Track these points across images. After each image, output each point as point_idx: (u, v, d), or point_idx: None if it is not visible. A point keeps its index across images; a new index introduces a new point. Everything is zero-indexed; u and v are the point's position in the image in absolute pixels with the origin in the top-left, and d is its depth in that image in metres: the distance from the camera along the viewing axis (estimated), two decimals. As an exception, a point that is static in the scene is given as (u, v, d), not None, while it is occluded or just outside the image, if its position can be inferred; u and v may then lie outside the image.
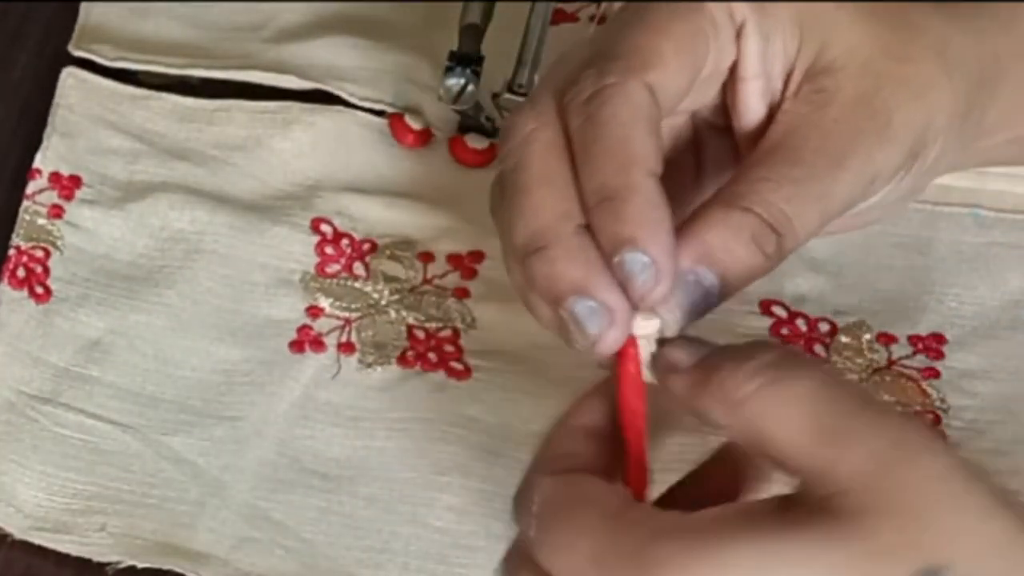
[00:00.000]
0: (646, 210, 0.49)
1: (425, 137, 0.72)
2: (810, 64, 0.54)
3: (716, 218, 0.51)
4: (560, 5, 0.75)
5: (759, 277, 0.51)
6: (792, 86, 0.54)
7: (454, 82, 0.68)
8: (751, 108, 0.55)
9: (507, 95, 0.69)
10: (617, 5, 0.76)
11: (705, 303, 0.50)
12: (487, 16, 0.67)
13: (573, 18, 0.76)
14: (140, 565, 0.62)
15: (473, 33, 0.67)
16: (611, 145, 0.50)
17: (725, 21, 0.53)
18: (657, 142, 0.50)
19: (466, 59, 0.68)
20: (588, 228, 0.50)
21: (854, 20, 0.55)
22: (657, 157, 0.50)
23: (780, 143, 0.53)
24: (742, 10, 0.53)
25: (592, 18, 0.75)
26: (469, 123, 0.71)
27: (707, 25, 0.53)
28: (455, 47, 0.68)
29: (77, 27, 0.75)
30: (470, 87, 0.68)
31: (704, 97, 0.56)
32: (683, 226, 0.51)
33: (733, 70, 0.55)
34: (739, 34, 0.54)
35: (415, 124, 0.72)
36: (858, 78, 0.54)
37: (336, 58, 0.73)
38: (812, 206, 0.52)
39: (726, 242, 0.50)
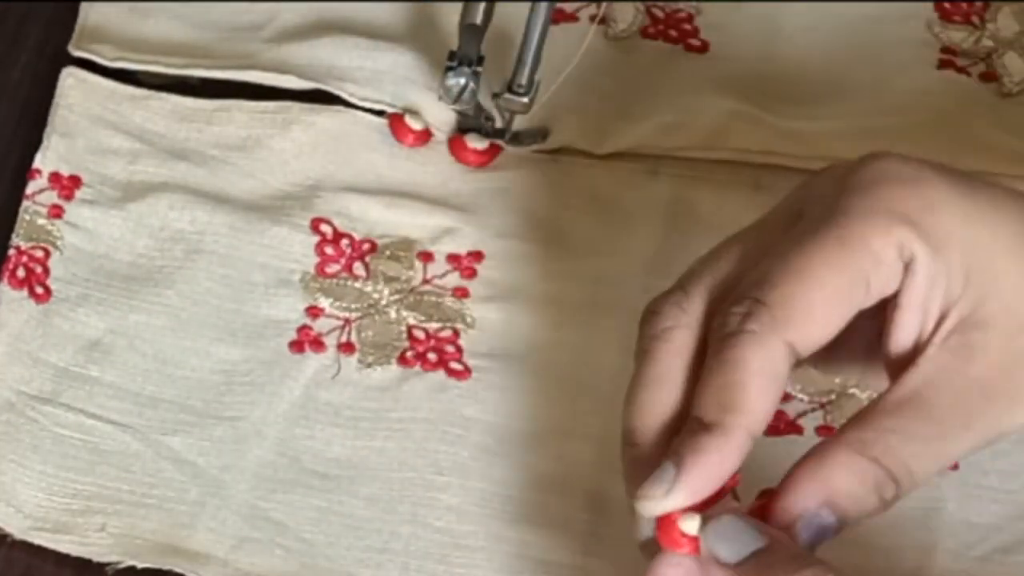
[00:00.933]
0: (714, 458, 0.51)
1: (425, 137, 0.72)
2: (967, 315, 0.53)
3: (843, 463, 0.51)
4: (560, 5, 0.75)
5: (873, 517, 0.53)
6: (942, 332, 0.53)
7: (454, 82, 0.68)
8: (901, 336, 0.53)
9: (507, 95, 0.69)
10: (616, 5, 0.76)
11: (822, 538, 0.52)
12: (487, 16, 0.67)
13: (573, 18, 0.76)
14: (140, 565, 0.62)
15: (473, 33, 0.67)
16: (727, 384, 0.51)
17: (893, 258, 0.52)
18: (770, 402, 0.51)
19: (466, 59, 0.68)
20: None
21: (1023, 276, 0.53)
22: (761, 416, 0.51)
23: (915, 394, 0.52)
24: (912, 245, 0.52)
25: (592, 18, 0.75)
26: (469, 123, 0.71)
27: (869, 266, 0.52)
28: (455, 47, 0.68)
29: (77, 27, 0.75)
30: (470, 87, 0.68)
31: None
32: (808, 462, 0.52)
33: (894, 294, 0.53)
34: (907, 267, 0.52)
35: (415, 124, 0.72)
36: (1009, 338, 0.53)
37: (336, 58, 0.73)
38: (933, 461, 0.52)
39: (851, 488, 0.51)
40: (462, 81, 0.68)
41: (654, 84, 0.73)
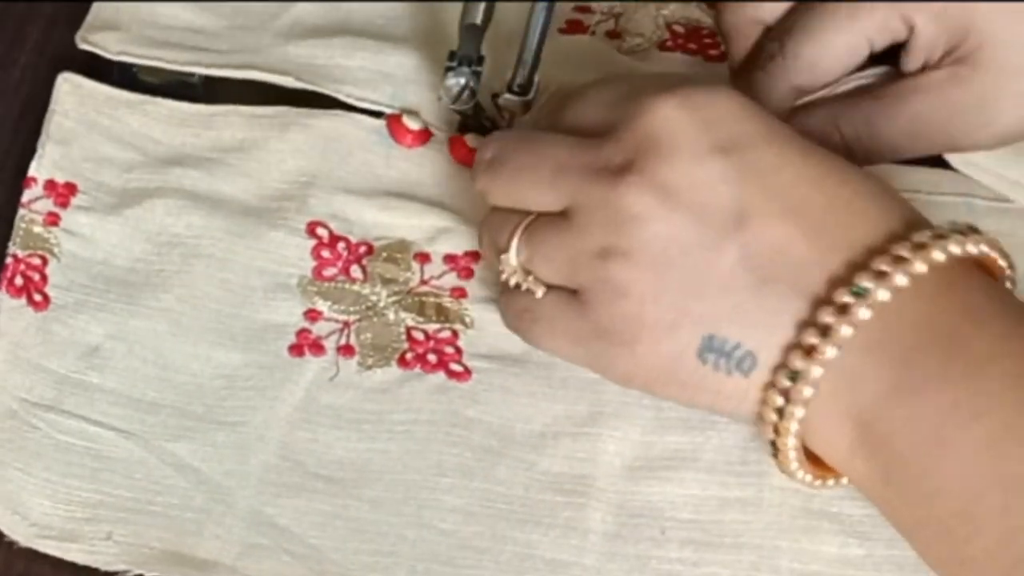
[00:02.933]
0: None
1: (423, 137, 0.72)
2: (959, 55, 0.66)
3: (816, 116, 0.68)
4: (574, 17, 0.75)
5: None
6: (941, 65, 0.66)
7: (454, 82, 0.68)
8: (909, 62, 0.67)
9: (507, 95, 0.69)
10: (634, 19, 0.76)
11: None
12: (487, 16, 0.67)
13: (584, 29, 0.76)
14: (148, 574, 0.61)
15: (473, 33, 0.67)
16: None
17: (897, 24, 0.66)
18: None
19: (466, 59, 0.68)
20: None
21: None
22: None
23: (903, 91, 0.67)
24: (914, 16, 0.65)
25: (609, 34, 0.75)
26: (468, 123, 0.71)
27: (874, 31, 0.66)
28: (455, 47, 0.68)
29: (90, 14, 0.74)
30: (470, 87, 0.68)
31: None
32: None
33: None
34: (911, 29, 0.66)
35: (413, 124, 0.71)
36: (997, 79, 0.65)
37: (335, 59, 0.73)
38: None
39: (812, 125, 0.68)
40: (462, 81, 0.68)
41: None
